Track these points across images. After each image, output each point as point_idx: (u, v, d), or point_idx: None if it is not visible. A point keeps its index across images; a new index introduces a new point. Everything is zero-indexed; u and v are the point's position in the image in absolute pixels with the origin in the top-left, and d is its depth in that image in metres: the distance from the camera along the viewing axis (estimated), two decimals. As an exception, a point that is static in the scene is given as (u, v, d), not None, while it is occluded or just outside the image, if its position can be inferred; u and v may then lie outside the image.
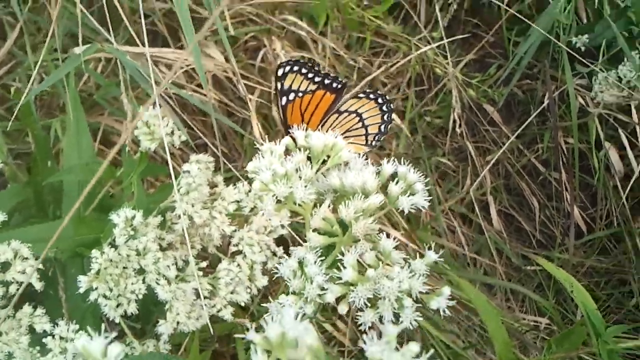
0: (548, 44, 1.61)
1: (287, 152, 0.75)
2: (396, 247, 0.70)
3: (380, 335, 0.51)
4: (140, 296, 0.82)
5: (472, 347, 1.39)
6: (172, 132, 0.89)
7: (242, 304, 0.89)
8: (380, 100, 0.96)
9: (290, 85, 0.94)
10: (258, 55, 1.81)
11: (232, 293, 0.87)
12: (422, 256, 0.68)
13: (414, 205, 0.70)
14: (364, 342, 0.50)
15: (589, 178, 1.59)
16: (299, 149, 0.74)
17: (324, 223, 0.70)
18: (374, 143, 0.95)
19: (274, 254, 0.91)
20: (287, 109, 0.93)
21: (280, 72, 0.93)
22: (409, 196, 0.71)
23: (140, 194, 0.89)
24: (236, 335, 0.60)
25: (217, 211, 0.87)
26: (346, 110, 0.95)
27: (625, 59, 1.43)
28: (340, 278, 0.66)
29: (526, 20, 1.40)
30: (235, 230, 0.88)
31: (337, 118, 0.95)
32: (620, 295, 1.57)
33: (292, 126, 0.82)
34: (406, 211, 0.70)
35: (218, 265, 0.87)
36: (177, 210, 0.84)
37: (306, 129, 0.77)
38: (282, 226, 0.90)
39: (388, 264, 0.68)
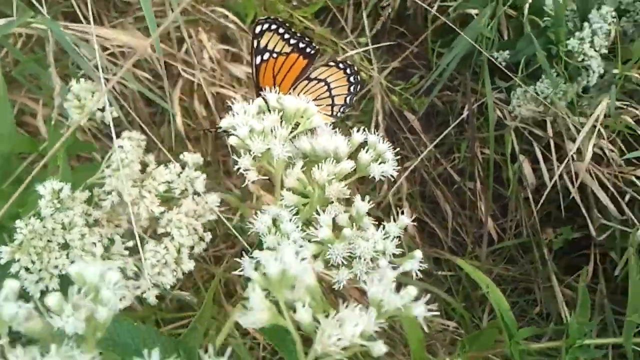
0: (470, 57, 1.68)
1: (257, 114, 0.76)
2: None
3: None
4: (64, 272, 0.80)
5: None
6: (104, 108, 0.89)
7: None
8: (348, 71, 0.97)
9: (267, 45, 0.93)
10: (182, 46, 1.80)
11: (158, 274, 0.87)
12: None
13: (384, 173, 0.74)
14: (365, 284, 0.51)
15: (502, 189, 1.67)
16: (272, 111, 0.76)
17: (298, 183, 0.72)
18: (338, 114, 0.96)
19: (201, 238, 0.92)
20: (260, 69, 0.93)
21: (257, 29, 0.93)
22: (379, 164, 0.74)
23: (65, 168, 0.88)
24: (234, 272, 0.60)
25: (146, 190, 0.87)
26: (316, 78, 0.96)
27: (543, 76, 1.51)
28: (315, 237, 0.68)
29: (456, 28, 1.46)
30: (164, 212, 0.89)
31: (307, 84, 0.95)
32: (524, 304, 1.65)
33: (264, 88, 0.83)
34: (377, 178, 0.73)
35: (145, 246, 0.87)
36: (106, 187, 0.84)
37: (279, 92, 0.78)
38: (212, 212, 0.91)
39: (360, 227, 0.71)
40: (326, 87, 0.96)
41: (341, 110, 0.97)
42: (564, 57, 1.48)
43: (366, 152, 0.75)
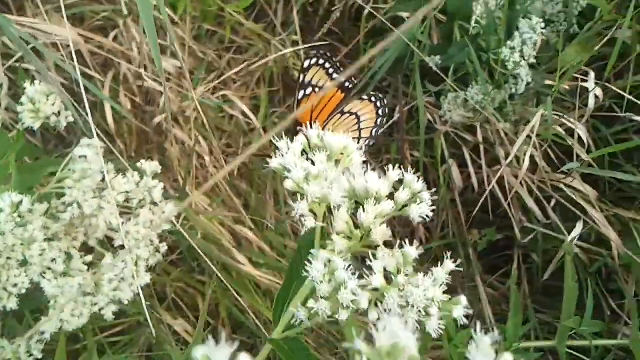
0: (402, 60, 1.73)
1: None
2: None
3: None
4: (24, 290, 0.79)
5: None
6: (59, 112, 0.87)
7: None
8: (379, 104, 0.97)
9: (311, 79, 0.93)
10: (109, 35, 1.77)
11: (115, 290, 0.87)
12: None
13: (422, 214, 0.73)
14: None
15: (430, 191, 1.74)
16: (315, 149, 0.75)
17: (346, 226, 0.72)
18: (364, 147, 0.96)
19: (157, 250, 0.92)
20: (300, 104, 0.92)
21: (306, 64, 0.91)
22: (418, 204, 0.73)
23: (19, 178, 0.86)
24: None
25: (106, 201, 0.86)
26: (349, 112, 0.96)
27: (474, 83, 1.58)
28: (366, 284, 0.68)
29: (394, 29, 1.50)
30: (123, 223, 0.88)
31: (339, 118, 0.95)
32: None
33: (302, 122, 0.82)
34: (416, 220, 0.73)
35: (102, 260, 0.86)
36: (66, 198, 0.82)
37: (319, 127, 0.78)
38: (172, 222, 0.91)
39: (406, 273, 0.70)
40: (356, 121, 0.97)
41: (367, 143, 0.96)
42: (494, 65, 1.55)
43: (402, 190, 0.75)
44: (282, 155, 0.75)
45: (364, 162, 0.79)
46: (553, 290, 1.48)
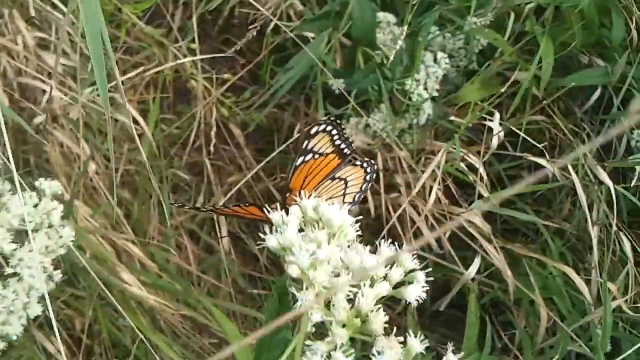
0: (304, 80, 1.73)
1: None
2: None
3: None
4: None
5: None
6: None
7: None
8: (368, 170, 0.94)
9: (314, 146, 0.88)
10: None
11: (2, 324, 0.78)
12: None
13: (417, 297, 0.71)
14: None
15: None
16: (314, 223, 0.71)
17: (346, 315, 0.68)
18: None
19: (50, 277, 0.85)
20: (296, 170, 0.87)
21: (314, 130, 0.87)
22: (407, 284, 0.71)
23: None
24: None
25: (-1, 224, 0.78)
26: (339, 177, 0.92)
27: (376, 109, 1.61)
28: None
29: (303, 45, 1.50)
30: (15, 249, 0.80)
31: (329, 184, 0.91)
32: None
33: (292, 190, 0.78)
34: (413, 304, 0.70)
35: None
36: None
37: (314, 198, 0.74)
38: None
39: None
40: (343, 186, 0.94)
41: (349, 207, 0.93)
42: (397, 95, 1.58)
43: (396, 269, 0.72)
44: (277, 231, 0.71)
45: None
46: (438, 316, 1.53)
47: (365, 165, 0.98)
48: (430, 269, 0.76)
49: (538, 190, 1.62)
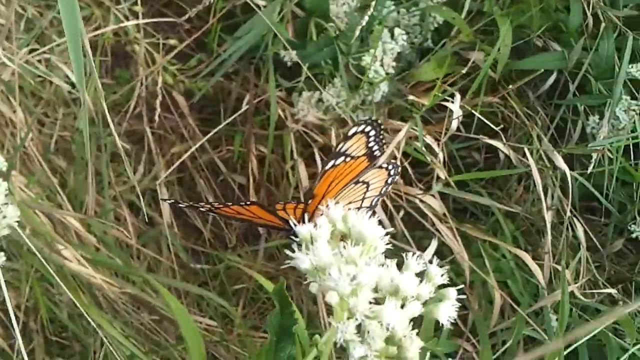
0: (254, 50, 1.67)
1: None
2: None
3: None
4: None
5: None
6: None
7: None
8: (392, 172, 0.88)
9: (348, 148, 0.81)
10: None
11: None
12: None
13: (449, 318, 0.65)
14: None
15: (273, 188, 1.70)
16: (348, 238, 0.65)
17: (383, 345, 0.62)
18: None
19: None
20: (324, 175, 0.80)
21: (352, 131, 0.79)
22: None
23: None
24: None
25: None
26: (362, 181, 0.85)
27: (330, 84, 1.57)
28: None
29: (258, 10, 1.44)
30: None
31: (352, 188, 0.84)
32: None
33: (315, 195, 0.71)
34: (446, 325, 0.65)
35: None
36: None
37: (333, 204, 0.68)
38: None
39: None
40: (365, 189, 0.87)
41: (366, 211, 0.87)
42: (352, 70, 1.54)
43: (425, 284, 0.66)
44: (306, 247, 0.64)
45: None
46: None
47: (390, 167, 0.92)
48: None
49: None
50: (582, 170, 1.53)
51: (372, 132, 0.89)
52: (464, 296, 0.69)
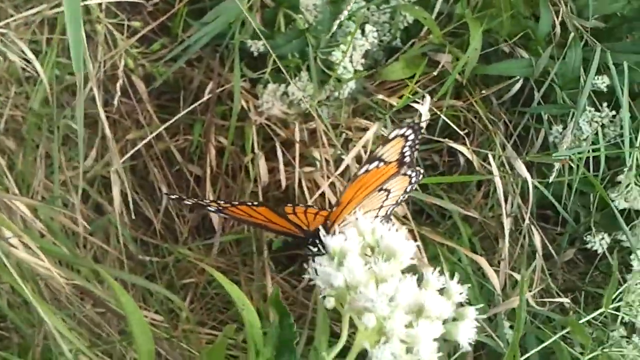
0: (220, 37, 1.64)
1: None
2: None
3: None
4: None
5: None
6: None
7: None
8: (413, 180, 0.83)
9: (385, 153, 0.76)
10: None
11: None
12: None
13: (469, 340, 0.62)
14: None
15: (230, 180, 1.67)
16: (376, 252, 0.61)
17: None
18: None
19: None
20: (354, 181, 0.75)
21: (393, 134, 0.75)
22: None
23: None
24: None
25: None
26: (385, 188, 0.80)
27: (297, 78, 1.55)
28: None
29: None
30: None
31: (375, 196, 0.79)
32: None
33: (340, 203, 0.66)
34: (465, 346, 0.61)
35: None
36: None
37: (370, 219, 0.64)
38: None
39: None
40: (385, 197, 0.83)
41: (382, 219, 0.81)
42: (320, 64, 1.53)
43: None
44: (339, 261, 0.60)
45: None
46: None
47: (413, 174, 0.88)
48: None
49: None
50: (541, 179, 1.54)
51: (411, 137, 0.86)
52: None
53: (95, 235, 1.68)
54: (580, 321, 1.24)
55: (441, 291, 0.65)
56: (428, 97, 1.38)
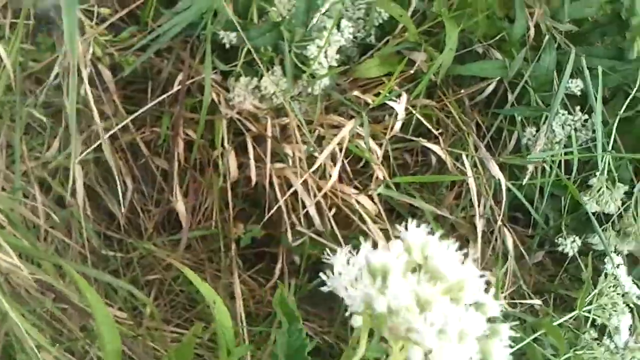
0: (191, 28, 1.61)
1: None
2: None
3: None
4: None
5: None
6: None
7: None
8: None
9: None
10: None
11: None
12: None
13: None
14: None
15: (198, 175, 1.64)
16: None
17: None
18: None
19: None
20: None
21: None
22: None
23: None
24: None
25: None
26: None
27: (269, 72, 1.52)
28: None
29: None
30: None
31: None
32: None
33: None
34: None
35: None
36: None
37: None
38: None
39: None
40: None
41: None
42: (294, 59, 1.50)
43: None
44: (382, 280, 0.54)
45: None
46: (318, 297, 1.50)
47: None
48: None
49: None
50: (513, 181, 1.55)
51: None
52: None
53: (56, 228, 1.63)
54: (554, 323, 1.25)
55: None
56: (405, 96, 1.37)
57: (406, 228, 0.58)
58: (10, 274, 1.33)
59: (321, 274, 0.56)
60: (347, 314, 0.56)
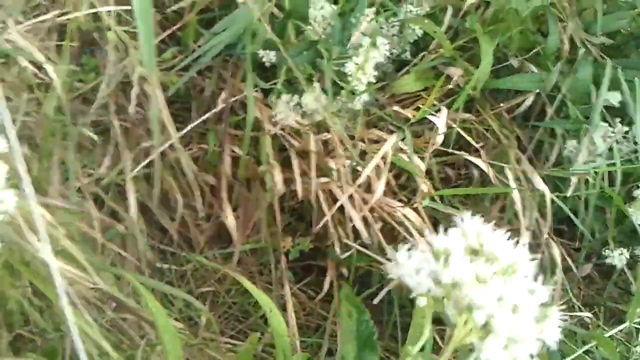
0: (230, 48, 1.65)
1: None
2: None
3: None
4: None
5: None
6: None
7: None
8: None
9: None
10: None
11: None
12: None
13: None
14: None
15: (245, 190, 1.69)
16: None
17: None
18: None
19: None
20: None
21: None
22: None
23: None
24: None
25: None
26: None
27: (309, 89, 1.56)
28: None
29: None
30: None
31: None
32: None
33: None
34: (552, 346, 0.60)
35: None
36: None
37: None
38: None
39: None
40: None
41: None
42: (333, 76, 1.54)
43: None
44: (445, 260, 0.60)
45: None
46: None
47: None
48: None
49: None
50: (557, 193, 1.56)
51: None
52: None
53: (111, 243, 1.69)
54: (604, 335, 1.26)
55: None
56: (445, 110, 1.40)
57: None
58: (72, 284, 1.38)
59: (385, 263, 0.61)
60: (412, 295, 0.60)
